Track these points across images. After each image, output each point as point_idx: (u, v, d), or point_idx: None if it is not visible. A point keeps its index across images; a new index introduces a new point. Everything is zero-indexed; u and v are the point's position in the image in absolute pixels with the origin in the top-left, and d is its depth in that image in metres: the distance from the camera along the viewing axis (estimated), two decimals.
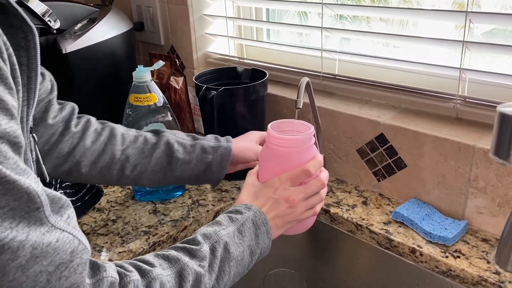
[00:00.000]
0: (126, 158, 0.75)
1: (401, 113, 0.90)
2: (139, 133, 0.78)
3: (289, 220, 0.66)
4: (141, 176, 0.76)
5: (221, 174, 0.79)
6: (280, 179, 0.66)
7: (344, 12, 1.01)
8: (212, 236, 0.58)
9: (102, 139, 0.74)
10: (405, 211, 0.82)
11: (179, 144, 0.77)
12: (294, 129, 0.70)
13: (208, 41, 1.25)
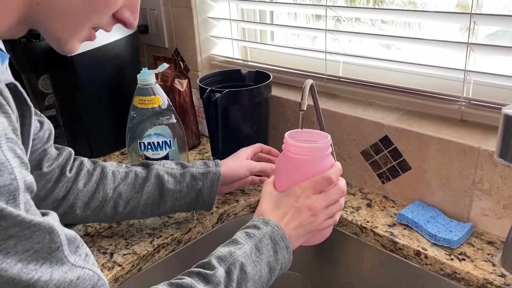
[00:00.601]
0: (118, 195, 0.76)
1: (405, 115, 0.90)
2: (129, 168, 0.79)
3: (311, 229, 0.66)
4: (134, 211, 0.77)
5: (212, 199, 0.80)
6: (301, 187, 0.66)
7: (347, 14, 1.01)
8: (227, 258, 0.58)
9: (93, 179, 0.75)
10: (410, 213, 0.82)
11: (169, 174, 0.78)
12: (310, 139, 0.71)
13: (212, 44, 1.25)
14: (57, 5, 0.49)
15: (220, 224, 0.91)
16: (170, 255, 0.83)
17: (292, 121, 1.05)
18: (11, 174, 0.38)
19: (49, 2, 0.49)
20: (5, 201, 0.37)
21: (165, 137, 0.91)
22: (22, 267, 0.39)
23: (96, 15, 0.53)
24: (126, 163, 1.10)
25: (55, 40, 0.53)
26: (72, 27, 0.52)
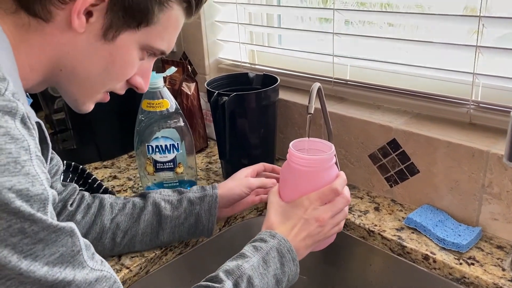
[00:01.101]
0: (116, 225, 0.76)
1: (413, 119, 0.89)
2: (127, 199, 0.79)
3: (318, 239, 0.68)
4: (133, 241, 0.77)
5: (211, 223, 0.79)
6: (309, 199, 0.68)
7: (355, 17, 1.01)
8: (235, 271, 0.60)
9: (91, 211, 0.76)
10: (418, 217, 0.81)
11: (166, 201, 0.78)
12: (313, 148, 0.72)
13: (219, 47, 1.26)
14: (78, 73, 0.56)
15: (227, 227, 0.91)
16: (178, 258, 0.83)
17: (300, 124, 1.05)
18: (41, 185, 0.43)
19: (71, 70, 0.55)
20: (37, 208, 0.42)
21: (173, 140, 0.91)
22: (48, 270, 0.44)
23: (112, 82, 0.59)
24: (134, 166, 1.11)
25: (73, 101, 0.60)
26: (89, 91, 0.59)
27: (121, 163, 1.14)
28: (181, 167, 0.94)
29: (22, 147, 0.43)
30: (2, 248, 0.40)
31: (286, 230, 0.67)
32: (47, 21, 0.52)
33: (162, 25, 0.57)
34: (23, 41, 0.52)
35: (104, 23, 0.53)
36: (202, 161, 1.12)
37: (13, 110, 0.43)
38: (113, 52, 0.56)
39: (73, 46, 0.54)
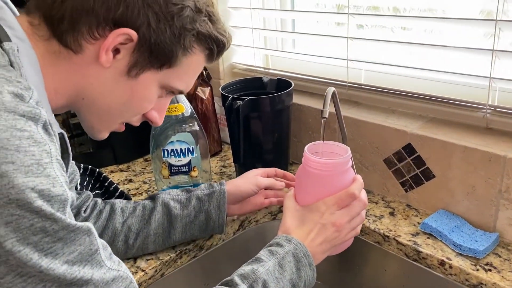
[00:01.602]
0: (128, 228, 0.77)
1: (429, 123, 0.89)
2: (137, 203, 0.81)
3: (335, 244, 0.69)
4: (146, 242, 0.78)
5: (221, 219, 0.80)
6: (326, 203, 0.68)
7: (370, 22, 1.01)
8: (250, 275, 0.60)
9: (103, 216, 0.78)
10: (434, 222, 0.81)
11: (175, 201, 0.80)
12: (329, 151, 0.72)
13: (234, 52, 1.27)
14: (99, 104, 0.59)
15: (242, 231, 0.91)
16: (192, 261, 0.84)
17: (314, 128, 1.05)
18: (61, 187, 0.45)
19: (92, 100, 0.58)
20: (57, 208, 0.44)
21: (188, 144, 0.92)
22: (68, 268, 0.45)
23: (129, 115, 0.62)
24: (150, 169, 1.12)
25: (90, 127, 0.63)
26: (106, 121, 0.62)
27: (136, 166, 1.15)
28: (196, 170, 0.95)
29: (44, 150, 0.45)
30: (24, 246, 0.42)
31: (302, 234, 0.67)
32: (76, 52, 0.55)
33: (183, 68, 0.60)
34: (52, 66, 0.55)
35: (129, 61, 0.56)
36: (216, 165, 1.13)
37: (36, 116, 0.45)
38: (134, 88, 0.59)
39: (98, 79, 0.57)
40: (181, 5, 0.56)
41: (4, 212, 0.41)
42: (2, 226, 0.41)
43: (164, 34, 0.56)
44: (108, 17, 0.53)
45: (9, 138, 0.42)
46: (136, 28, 0.54)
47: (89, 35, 0.54)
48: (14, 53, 0.49)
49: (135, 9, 0.54)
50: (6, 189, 0.41)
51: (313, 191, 0.69)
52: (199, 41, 0.60)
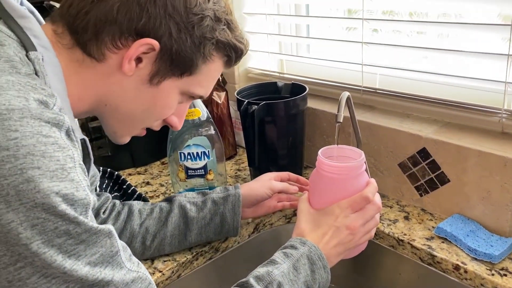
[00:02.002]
0: (145, 230, 0.79)
1: (443, 127, 0.89)
2: (154, 205, 0.83)
3: (349, 247, 0.69)
4: (162, 243, 0.80)
5: (236, 222, 0.81)
6: (340, 206, 0.69)
7: (384, 27, 1.02)
8: (265, 277, 0.61)
9: (121, 217, 0.80)
10: (449, 226, 0.81)
11: (191, 203, 0.81)
12: (343, 155, 0.73)
13: (249, 57, 1.28)
14: (121, 110, 0.61)
15: (256, 234, 0.92)
16: (208, 263, 0.85)
17: (328, 132, 1.06)
18: (84, 191, 0.47)
19: (115, 107, 0.60)
20: (80, 212, 0.46)
21: (204, 147, 0.94)
22: (90, 269, 0.47)
23: (151, 121, 0.64)
24: (167, 172, 1.14)
25: (112, 132, 0.65)
26: (128, 127, 0.64)
27: (153, 169, 1.17)
28: (212, 173, 0.97)
29: (68, 155, 0.46)
30: (49, 248, 0.44)
31: (316, 237, 0.68)
32: (99, 61, 0.56)
33: (203, 74, 0.62)
34: (75, 73, 0.57)
35: (151, 70, 0.58)
36: (231, 168, 1.14)
37: (60, 122, 0.47)
38: (156, 96, 0.60)
39: (120, 87, 0.58)
40: (201, 15, 0.57)
41: (30, 215, 0.42)
42: (28, 228, 0.42)
43: (185, 43, 0.57)
44: (131, 28, 0.55)
45: (35, 144, 0.44)
46: (158, 38, 0.56)
47: (112, 44, 0.55)
48: (39, 62, 0.51)
49: (157, 20, 0.55)
50: (33, 194, 0.42)
51: (327, 194, 0.70)
52: (218, 49, 0.61)
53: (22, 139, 0.43)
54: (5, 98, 0.44)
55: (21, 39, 0.52)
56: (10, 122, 0.43)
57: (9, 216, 0.42)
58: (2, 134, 0.42)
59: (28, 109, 0.45)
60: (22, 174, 0.42)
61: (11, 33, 0.52)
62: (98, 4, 0.54)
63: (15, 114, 0.44)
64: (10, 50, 0.49)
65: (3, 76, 0.46)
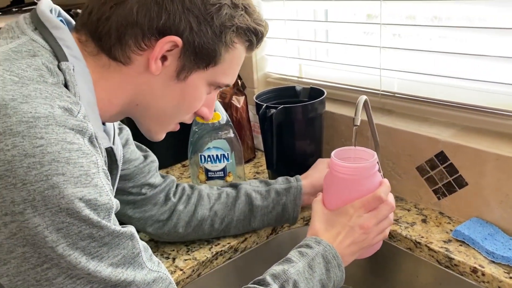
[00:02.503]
0: (214, 213, 0.84)
1: (461, 131, 0.89)
2: (220, 190, 0.87)
3: (363, 246, 0.71)
4: (229, 226, 0.85)
5: (296, 212, 0.86)
6: (353, 206, 0.70)
7: (404, 31, 1.02)
8: (281, 275, 0.63)
9: (192, 201, 0.84)
10: (467, 229, 0.81)
11: (256, 192, 0.86)
12: (356, 156, 0.74)
13: (268, 62, 1.30)
14: (152, 108, 0.63)
15: (275, 235, 0.94)
16: (227, 263, 0.87)
17: (346, 136, 1.07)
18: (107, 195, 0.49)
19: (146, 105, 0.62)
20: (102, 216, 0.48)
21: (223, 150, 0.96)
22: (112, 270, 0.49)
23: (182, 115, 0.65)
24: (187, 174, 1.17)
25: (147, 131, 0.66)
26: (162, 123, 0.65)
27: (175, 171, 1.20)
28: (231, 176, 0.99)
29: (92, 161, 0.48)
30: (73, 250, 0.46)
31: (331, 237, 0.69)
32: (126, 64, 0.58)
33: (227, 63, 0.62)
34: (103, 79, 0.58)
35: (177, 66, 0.59)
36: (250, 171, 1.16)
37: (83, 129, 0.49)
38: (184, 90, 0.61)
39: (149, 86, 0.60)
40: (218, 4, 0.57)
41: (55, 220, 0.45)
42: (54, 232, 0.45)
43: (206, 35, 0.58)
44: (152, 28, 0.55)
45: (60, 151, 0.45)
46: (180, 33, 0.56)
47: (136, 46, 0.56)
48: (70, 72, 0.53)
49: (177, 16, 0.55)
50: (57, 199, 0.44)
51: (340, 195, 0.71)
52: (239, 35, 0.61)
53: (48, 146, 0.45)
54: (32, 106, 0.46)
55: (54, 49, 0.54)
56: (36, 130, 0.45)
57: (36, 220, 0.44)
58: (28, 142, 0.44)
59: (53, 117, 0.46)
60: (47, 180, 0.44)
61: (45, 43, 0.54)
62: (117, 9, 0.55)
63: (40, 122, 0.45)
64: (41, 60, 0.51)
65: (32, 84, 0.48)
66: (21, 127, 0.44)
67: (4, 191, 0.43)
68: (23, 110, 0.45)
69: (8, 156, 0.43)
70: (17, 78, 0.48)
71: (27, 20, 0.56)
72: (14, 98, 0.45)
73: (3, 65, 0.48)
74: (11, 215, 0.44)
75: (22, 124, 0.44)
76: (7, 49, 0.52)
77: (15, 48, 0.52)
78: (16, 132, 0.44)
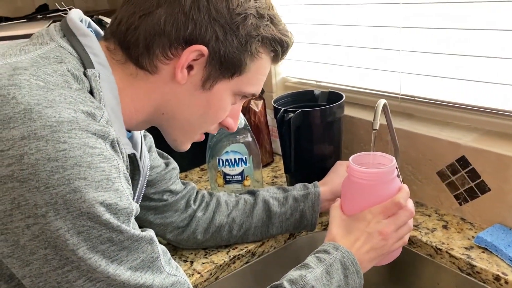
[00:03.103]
0: (232, 220, 0.84)
1: (484, 135, 0.87)
2: (239, 196, 0.87)
3: (382, 252, 0.70)
4: (247, 233, 0.85)
5: (314, 218, 0.86)
6: (372, 212, 0.69)
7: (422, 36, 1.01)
8: (299, 281, 0.62)
9: (210, 208, 0.85)
10: (489, 236, 0.79)
11: (274, 199, 0.86)
12: (374, 161, 0.73)
13: (286, 66, 1.30)
14: (178, 118, 0.63)
15: (292, 240, 0.93)
16: (244, 267, 0.87)
17: (365, 140, 1.06)
18: (127, 200, 0.49)
19: (172, 115, 0.62)
20: (122, 220, 0.49)
21: (241, 154, 0.97)
22: (131, 274, 0.49)
23: (207, 125, 0.66)
24: (205, 178, 1.17)
25: (173, 141, 0.67)
26: (187, 133, 0.66)
27: (193, 175, 1.21)
28: (249, 180, 0.99)
29: (113, 165, 0.49)
30: (93, 253, 0.47)
31: (349, 243, 0.69)
32: (152, 73, 0.59)
33: (252, 72, 0.62)
34: (130, 87, 0.59)
35: (203, 75, 0.59)
36: (268, 175, 1.16)
37: (105, 134, 0.49)
38: (210, 100, 0.62)
39: (175, 95, 0.60)
40: (244, 14, 0.58)
41: (76, 223, 0.45)
42: (74, 235, 0.46)
43: (232, 44, 0.58)
44: (179, 37, 0.56)
45: (82, 156, 0.46)
46: (206, 43, 0.57)
47: (163, 56, 0.57)
48: (95, 79, 0.54)
49: (203, 26, 0.56)
50: (79, 203, 0.45)
51: (358, 201, 0.70)
52: (264, 45, 0.61)
53: (70, 150, 0.45)
54: (56, 110, 0.46)
55: (81, 56, 0.55)
56: (60, 134, 0.45)
57: (58, 223, 0.45)
58: (52, 146, 0.45)
59: (76, 121, 0.47)
60: (69, 184, 0.45)
61: (72, 50, 0.55)
62: (145, 19, 0.56)
63: (64, 126, 0.46)
64: (67, 67, 0.52)
65: (57, 89, 0.49)
66: (45, 131, 0.45)
67: (28, 194, 0.44)
68: (47, 115, 0.46)
69: (32, 160, 0.44)
70: (43, 83, 0.49)
71: (57, 28, 0.57)
72: (39, 102, 0.46)
73: (30, 70, 0.49)
74: (34, 217, 0.45)
75: (46, 128, 0.45)
76: (35, 55, 0.53)
77: (43, 54, 0.53)
78: (40, 136, 0.45)
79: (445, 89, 0.97)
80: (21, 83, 0.47)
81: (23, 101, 0.46)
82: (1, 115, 0.45)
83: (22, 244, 0.45)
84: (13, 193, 0.44)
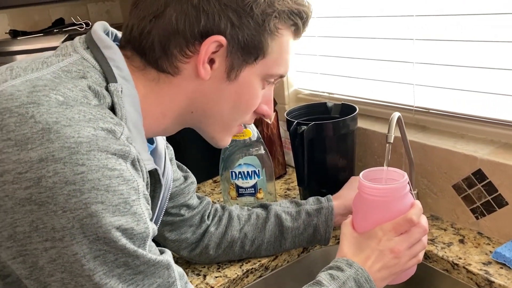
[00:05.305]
0: (244, 235, 0.83)
1: (500, 148, 0.86)
2: (251, 211, 0.87)
3: (395, 271, 0.67)
4: (259, 249, 0.84)
5: (328, 233, 0.84)
6: (383, 229, 0.67)
7: (435, 48, 1.01)
8: None
9: (223, 223, 0.84)
10: (508, 251, 0.77)
11: (286, 213, 0.85)
12: (386, 177, 0.72)
13: (298, 78, 1.30)
14: (209, 113, 0.61)
15: (306, 254, 0.93)
16: (258, 281, 0.87)
17: (379, 153, 1.05)
18: (145, 224, 0.49)
19: (202, 111, 0.61)
20: (138, 244, 0.48)
21: (254, 167, 0.96)
22: None
23: (241, 116, 0.63)
24: (218, 190, 1.17)
25: (211, 138, 0.65)
26: (223, 128, 0.63)
27: (206, 187, 1.21)
28: (262, 192, 0.99)
29: (133, 187, 0.48)
30: (110, 278, 0.47)
31: (360, 261, 0.67)
32: (174, 75, 0.57)
33: (276, 52, 0.60)
34: (154, 92, 0.58)
35: (226, 66, 0.57)
36: (281, 188, 1.16)
37: (126, 154, 0.48)
38: (238, 89, 0.59)
39: (201, 92, 0.59)
40: None
41: (93, 248, 0.45)
42: (91, 260, 0.45)
43: (249, 27, 0.56)
44: (193, 32, 0.54)
45: (100, 178, 0.45)
46: (222, 32, 0.55)
47: (182, 55, 0.55)
48: (117, 94, 0.52)
49: (216, 15, 0.54)
50: (95, 228, 0.45)
51: (370, 217, 0.69)
52: (282, 20, 0.58)
53: (88, 173, 0.44)
54: (75, 130, 0.45)
55: (104, 69, 0.54)
56: (78, 156, 0.44)
57: (74, 248, 0.45)
58: (69, 169, 0.44)
59: (95, 141, 0.46)
60: (86, 208, 0.44)
61: (95, 63, 0.54)
62: (157, 21, 0.55)
63: (83, 148, 0.45)
64: (88, 83, 0.51)
65: (76, 106, 0.47)
66: (63, 153, 0.44)
67: (46, 218, 0.44)
68: (66, 135, 0.45)
69: (49, 183, 0.44)
70: (62, 98, 0.47)
71: (81, 39, 0.57)
72: (57, 121, 0.45)
73: (50, 85, 0.48)
74: (52, 241, 0.44)
75: (65, 150, 0.44)
76: (57, 68, 0.52)
77: (65, 67, 0.52)
78: (58, 158, 0.44)
79: (459, 101, 0.96)
80: (40, 100, 0.46)
81: (41, 120, 0.45)
82: (19, 135, 0.44)
83: (41, 265, 0.45)
84: (31, 215, 0.44)
